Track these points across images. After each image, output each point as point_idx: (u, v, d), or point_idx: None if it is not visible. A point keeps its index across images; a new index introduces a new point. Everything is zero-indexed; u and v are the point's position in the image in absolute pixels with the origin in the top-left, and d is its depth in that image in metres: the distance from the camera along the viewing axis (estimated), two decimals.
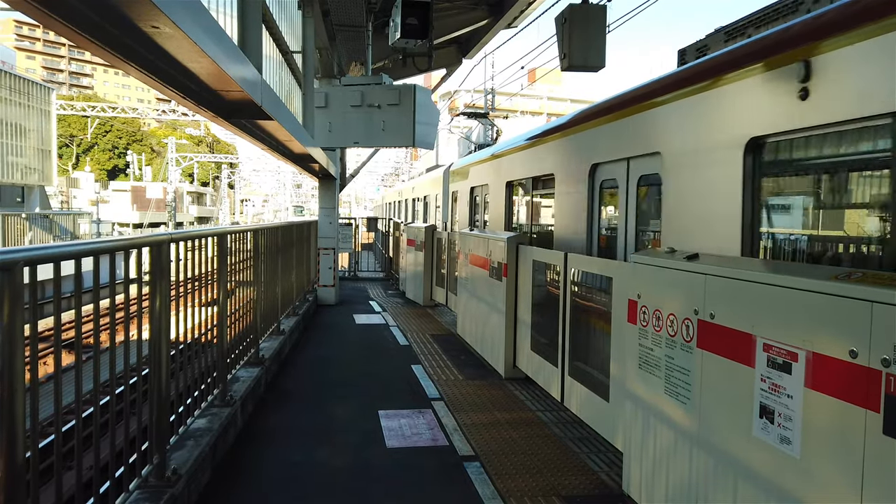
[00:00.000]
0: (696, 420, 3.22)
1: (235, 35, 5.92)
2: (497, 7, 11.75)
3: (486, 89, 29.67)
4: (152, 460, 3.48)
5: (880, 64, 2.80)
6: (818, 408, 2.42)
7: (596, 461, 4.74)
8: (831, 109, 3.09)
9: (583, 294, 5.50)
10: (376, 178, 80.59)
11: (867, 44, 2.88)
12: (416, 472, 4.57)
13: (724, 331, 3.00)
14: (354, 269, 19.12)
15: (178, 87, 4.72)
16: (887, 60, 2.76)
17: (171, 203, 46.61)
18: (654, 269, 3.70)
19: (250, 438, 5.14)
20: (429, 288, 12.97)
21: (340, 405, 6.15)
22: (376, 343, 9.20)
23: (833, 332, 2.37)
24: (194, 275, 4.37)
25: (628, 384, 4.02)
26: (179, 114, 48.85)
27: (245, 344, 6.13)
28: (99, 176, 69.37)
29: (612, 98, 5.70)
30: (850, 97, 2.97)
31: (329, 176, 13.13)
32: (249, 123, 6.91)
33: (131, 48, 3.72)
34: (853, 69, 2.96)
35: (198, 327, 4.51)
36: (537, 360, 6.46)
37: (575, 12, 6.64)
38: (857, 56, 2.94)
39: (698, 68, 4.29)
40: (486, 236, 8.00)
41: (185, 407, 4.29)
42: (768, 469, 2.67)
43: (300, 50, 10.00)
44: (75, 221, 27.95)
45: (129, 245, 3.29)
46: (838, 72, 3.04)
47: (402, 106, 9.24)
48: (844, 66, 3.01)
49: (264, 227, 7.06)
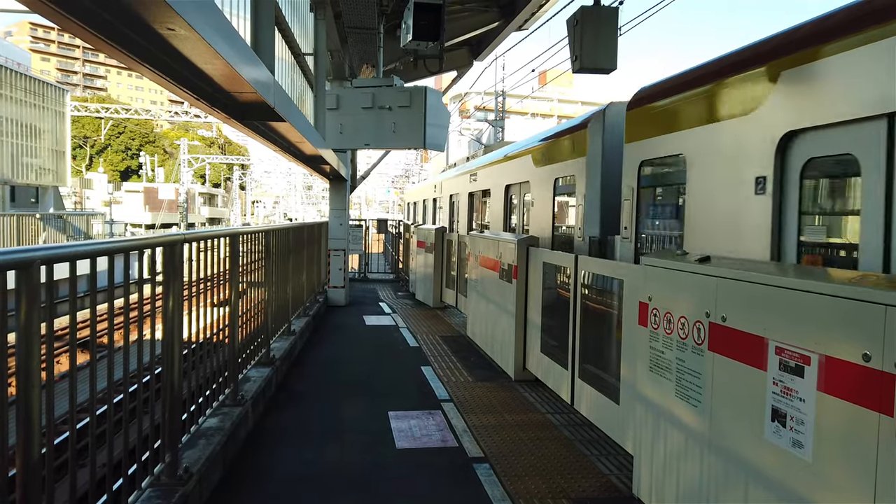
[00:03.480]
0: (707, 423, 3.21)
1: (248, 37, 5.96)
2: (509, 9, 11.75)
3: (496, 91, 29.67)
4: (164, 458, 3.51)
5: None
6: (831, 411, 2.41)
7: (606, 464, 4.73)
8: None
9: (593, 296, 5.49)
10: (387, 180, 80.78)
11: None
12: (425, 473, 4.58)
13: (736, 334, 2.99)
14: (364, 270, 19.17)
15: (192, 88, 4.77)
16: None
17: (183, 204, 46.91)
18: (666, 271, 3.69)
19: (261, 438, 5.16)
20: (439, 289, 12.97)
21: (350, 406, 6.16)
22: (386, 344, 9.21)
23: (846, 336, 2.35)
24: (206, 275, 4.41)
25: (639, 387, 4.01)
26: (192, 115, 49.19)
27: (256, 344, 6.17)
28: (112, 177, 69.87)
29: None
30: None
31: (340, 177, 13.18)
32: (261, 125, 6.95)
33: (146, 50, 3.76)
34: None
35: (210, 327, 4.54)
36: (547, 363, 6.45)
37: (586, 14, 6.63)
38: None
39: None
40: (497, 238, 8.00)
41: (197, 406, 4.32)
42: (780, 473, 2.66)
43: (312, 52, 10.05)
44: (89, 222, 28.17)
45: (143, 245, 3.33)
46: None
47: (413, 108, 9.25)
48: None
49: (275, 228, 7.10)
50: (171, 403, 3.60)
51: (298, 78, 9.90)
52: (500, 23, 12.30)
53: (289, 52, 8.79)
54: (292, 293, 8.40)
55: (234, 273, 5.03)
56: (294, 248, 8.51)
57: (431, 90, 9.46)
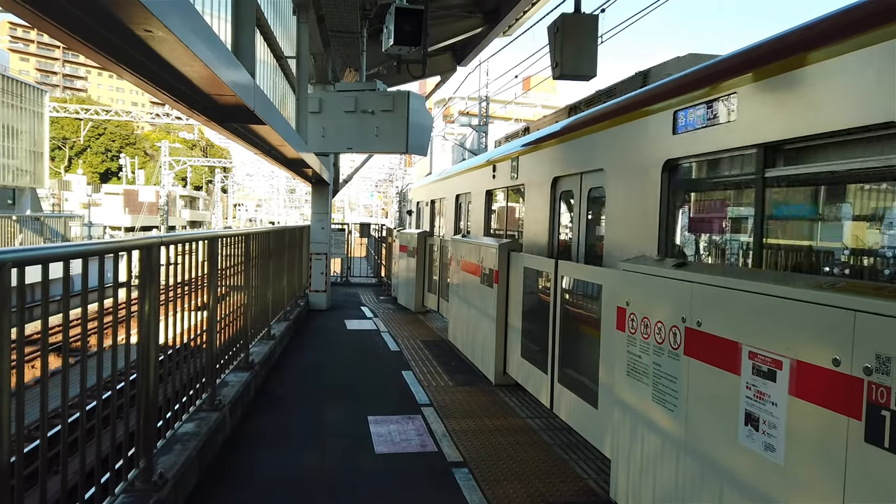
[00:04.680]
0: (683, 427, 3.24)
1: (229, 39, 5.94)
2: (492, 15, 11.81)
3: (480, 97, 29.75)
4: (139, 464, 3.46)
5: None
6: (802, 415, 2.44)
7: (584, 468, 4.75)
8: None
9: (573, 301, 5.52)
10: (370, 184, 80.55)
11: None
12: (404, 478, 4.56)
13: (711, 339, 3.02)
14: (347, 274, 19.10)
15: (171, 90, 4.73)
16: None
17: (164, 207, 46.48)
18: (643, 276, 3.73)
19: (239, 443, 5.12)
20: (420, 294, 12.96)
21: (330, 410, 6.13)
22: (367, 349, 9.18)
23: (817, 341, 2.39)
24: (185, 279, 4.37)
25: (616, 391, 4.03)
26: (173, 117, 48.70)
27: (235, 349, 6.12)
28: (91, 179, 69.02)
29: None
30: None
31: (322, 181, 13.13)
32: (242, 128, 6.91)
33: (124, 51, 3.73)
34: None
35: (187, 331, 4.50)
36: (527, 367, 6.47)
37: (567, 21, 6.68)
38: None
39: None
40: (479, 243, 8.02)
41: (173, 411, 4.27)
42: (753, 476, 2.69)
43: (294, 55, 10.02)
44: (66, 224, 27.81)
45: (119, 248, 3.29)
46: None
47: (396, 112, 9.26)
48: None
49: (256, 232, 7.05)
50: (147, 409, 3.56)
51: (280, 81, 9.86)
52: (484, 28, 12.36)
53: (271, 55, 8.76)
54: (273, 297, 8.34)
55: (212, 277, 4.99)
56: (275, 252, 8.46)
57: (415, 95, 9.49)
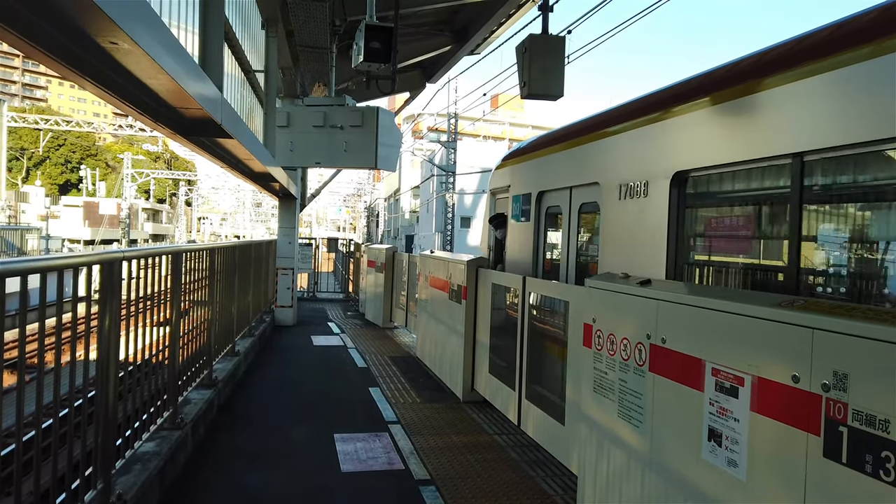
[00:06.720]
0: (648, 443, 3.28)
1: (196, 52, 5.88)
2: (461, 34, 11.92)
3: (449, 113, 29.94)
4: (96, 485, 3.35)
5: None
6: (763, 431, 2.49)
7: (551, 484, 4.75)
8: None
9: (541, 318, 5.55)
10: (339, 199, 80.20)
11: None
12: (370, 496, 4.51)
13: (675, 355, 3.07)
14: (314, 289, 18.92)
15: (136, 103, 4.66)
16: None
17: (126, 220, 45.51)
18: (609, 293, 3.78)
19: (201, 462, 5.00)
20: (388, 309, 12.90)
21: (295, 428, 6.04)
22: (334, 365, 9.08)
23: (777, 358, 2.45)
24: (147, 294, 4.27)
25: (583, 407, 4.06)
26: (137, 129, 47.84)
27: (198, 365, 5.99)
28: (50, 190, 67.33)
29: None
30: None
31: (290, 195, 13.03)
32: (209, 141, 6.83)
33: (88, 63, 3.67)
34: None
35: (149, 348, 4.39)
36: (495, 383, 6.47)
37: (535, 42, 6.78)
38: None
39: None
40: (447, 258, 8.03)
41: (133, 430, 4.15)
42: (717, 491, 2.73)
43: (263, 69, 9.98)
44: (23, 237, 27.02)
45: (79, 263, 3.20)
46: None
47: (365, 127, 9.27)
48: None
49: (221, 246, 6.95)
50: (105, 427, 3.45)
51: (248, 94, 9.80)
52: (453, 47, 12.47)
53: (239, 69, 8.70)
54: (237, 313, 8.21)
55: (175, 292, 4.89)
56: (241, 267, 8.34)
57: (384, 110, 9.52)
